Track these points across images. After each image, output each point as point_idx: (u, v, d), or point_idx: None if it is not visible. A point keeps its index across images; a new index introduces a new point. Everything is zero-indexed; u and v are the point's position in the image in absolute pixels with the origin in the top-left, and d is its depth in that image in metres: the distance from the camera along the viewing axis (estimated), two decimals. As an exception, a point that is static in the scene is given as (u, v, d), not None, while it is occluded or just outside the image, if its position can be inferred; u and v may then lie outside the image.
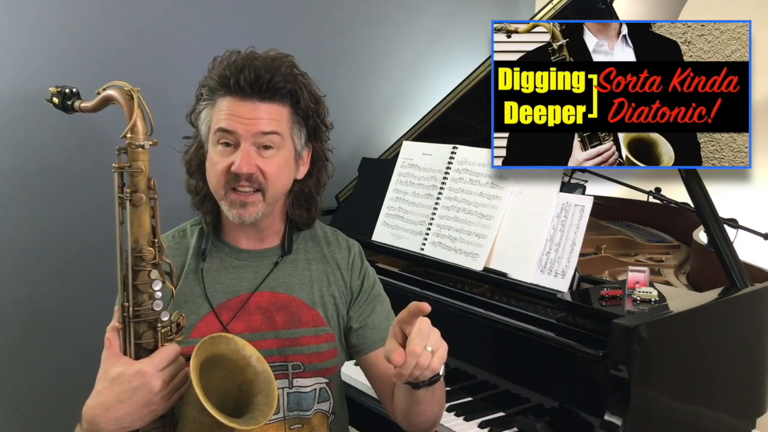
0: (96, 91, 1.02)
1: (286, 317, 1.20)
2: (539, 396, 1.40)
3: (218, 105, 1.14)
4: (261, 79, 1.11)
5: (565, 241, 1.45)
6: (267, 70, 1.12)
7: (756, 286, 1.50)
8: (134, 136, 0.99)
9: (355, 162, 2.18)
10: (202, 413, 0.92)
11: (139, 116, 0.99)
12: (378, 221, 1.85)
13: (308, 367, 1.20)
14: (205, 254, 1.21)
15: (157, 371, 0.97)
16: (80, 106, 1.05)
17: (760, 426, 1.57)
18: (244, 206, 1.13)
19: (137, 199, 0.99)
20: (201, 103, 1.17)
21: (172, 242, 1.23)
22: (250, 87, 1.11)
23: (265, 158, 1.13)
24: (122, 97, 1.00)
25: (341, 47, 2.46)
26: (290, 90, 1.15)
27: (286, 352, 1.19)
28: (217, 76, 1.14)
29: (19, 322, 1.86)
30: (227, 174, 1.12)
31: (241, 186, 1.12)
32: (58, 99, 1.06)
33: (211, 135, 1.14)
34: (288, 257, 1.24)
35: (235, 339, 1.04)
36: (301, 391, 1.20)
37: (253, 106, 1.12)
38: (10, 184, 1.81)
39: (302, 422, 1.21)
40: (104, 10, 1.91)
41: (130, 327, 1.00)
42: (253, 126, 1.11)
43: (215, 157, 1.13)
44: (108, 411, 0.95)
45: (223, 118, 1.12)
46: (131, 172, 1.00)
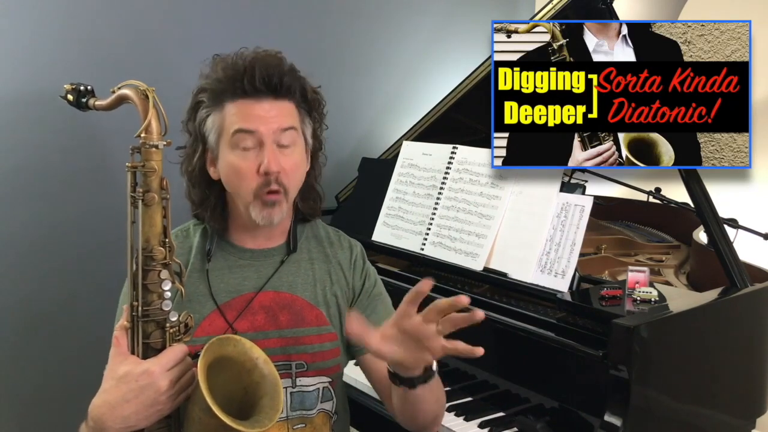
0: (111, 90, 1.03)
1: (290, 316, 1.20)
2: (539, 396, 1.40)
3: (228, 109, 1.13)
4: (273, 79, 1.12)
5: (565, 241, 1.45)
6: (275, 68, 1.14)
7: (756, 286, 1.50)
8: (148, 136, 0.99)
9: (355, 162, 2.18)
10: (207, 415, 0.92)
11: (154, 116, 1.00)
12: (378, 221, 1.85)
13: (311, 366, 1.20)
14: (210, 255, 1.21)
15: (165, 371, 0.97)
16: (95, 104, 1.05)
17: (760, 426, 1.57)
18: (273, 205, 1.14)
19: (150, 198, 0.99)
20: (202, 110, 1.16)
21: (176, 241, 1.23)
22: (266, 86, 1.12)
23: (285, 156, 1.14)
24: (137, 96, 1.00)
25: (341, 47, 2.46)
26: (299, 86, 1.17)
27: (290, 351, 1.19)
28: (223, 79, 1.13)
29: (19, 322, 1.86)
30: (257, 177, 1.12)
31: (270, 188, 1.13)
32: (73, 96, 1.05)
33: (227, 139, 1.13)
34: (292, 257, 1.24)
35: (242, 341, 1.04)
36: (305, 390, 1.20)
37: (269, 105, 1.13)
38: (10, 184, 1.81)
39: (305, 422, 1.21)
40: (104, 11, 1.91)
41: (138, 326, 1.00)
42: (274, 123, 1.12)
43: (237, 161, 1.13)
44: (114, 410, 0.95)
45: (240, 119, 1.12)
46: (144, 172, 1.00)
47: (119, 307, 1.19)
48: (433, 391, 1.12)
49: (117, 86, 1.02)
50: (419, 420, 1.17)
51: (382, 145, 2.26)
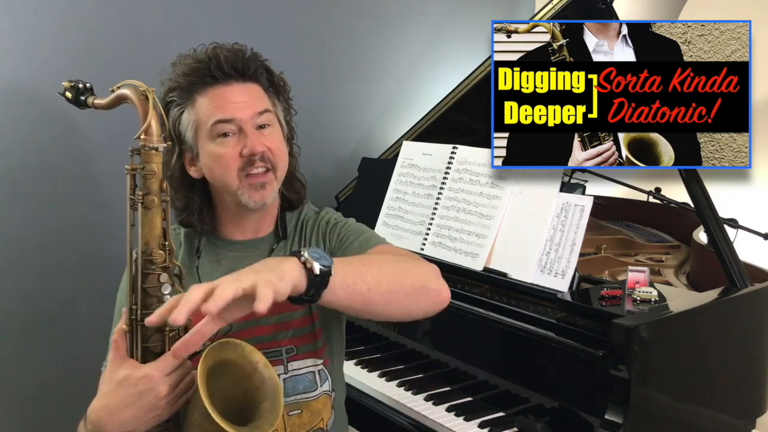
0: (110, 89, 1.01)
1: (278, 302, 1.19)
2: (539, 396, 1.40)
3: (200, 102, 1.13)
4: (238, 61, 1.13)
5: (565, 241, 1.45)
6: (238, 52, 1.14)
7: (756, 286, 1.50)
8: (148, 138, 0.97)
9: (355, 162, 2.18)
10: (207, 420, 0.92)
11: (154, 117, 0.98)
12: (378, 221, 1.85)
13: (301, 349, 1.20)
14: (200, 252, 1.21)
15: (164, 376, 0.96)
16: (94, 103, 1.04)
17: (760, 426, 1.57)
18: (264, 187, 1.14)
19: (149, 201, 0.98)
20: (174, 110, 1.15)
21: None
22: (233, 69, 1.12)
23: (266, 136, 1.14)
24: (137, 97, 0.98)
25: (341, 47, 2.46)
26: (264, 67, 1.17)
27: (279, 337, 1.19)
28: (189, 71, 1.13)
29: (18, 322, 1.86)
30: (239, 160, 1.12)
31: (255, 168, 1.12)
32: (71, 93, 1.04)
33: (205, 132, 1.13)
34: (281, 244, 1.23)
35: (242, 345, 1.04)
36: (297, 374, 1.20)
37: (240, 88, 1.13)
38: (9, 184, 1.81)
39: (301, 407, 1.20)
40: (104, 11, 1.91)
41: (137, 330, 0.99)
42: (249, 108, 1.12)
43: (219, 150, 1.12)
44: (113, 414, 0.95)
45: (217, 110, 1.12)
46: (144, 174, 0.98)
47: (117, 307, 1.19)
48: (355, 285, 0.93)
49: (116, 85, 1.00)
50: (390, 311, 0.99)
51: (382, 145, 2.26)
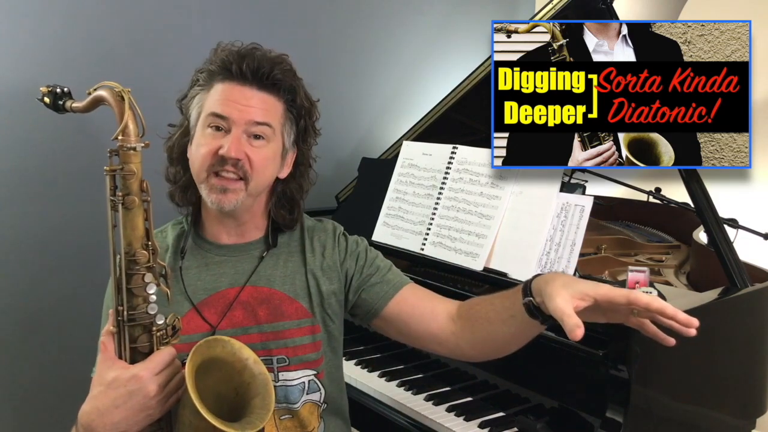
0: (87, 91, 1.00)
1: (269, 311, 1.19)
2: (539, 396, 1.40)
3: (214, 90, 1.14)
4: (263, 68, 1.12)
5: (565, 241, 1.45)
6: (269, 61, 1.14)
7: (756, 286, 1.50)
8: (126, 138, 0.97)
9: (355, 162, 2.18)
10: (197, 417, 0.92)
11: (131, 118, 0.97)
12: (378, 221, 1.85)
13: (293, 360, 1.19)
14: (184, 252, 1.21)
15: (153, 375, 0.96)
16: (71, 106, 1.03)
17: (760, 426, 1.57)
18: (225, 192, 1.12)
19: (130, 201, 0.98)
20: (195, 88, 1.17)
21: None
22: (252, 74, 1.12)
23: (254, 147, 1.13)
24: (113, 98, 0.97)
25: (341, 47, 2.46)
26: (289, 85, 1.16)
27: (270, 346, 1.18)
28: (219, 61, 1.14)
29: (16, 321, 1.86)
30: (213, 157, 1.11)
31: (225, 171, 1.11)
32: (50, 99, 1.03)
33: (202, 119, 1.14)
34: (270, 251, 1.23)
35: (231, 342, 1.04)
36: (288, 384, 1.19)
37: (251, 93, 1.13)
38: (8, 183, 1.81)
39: (291, 413, 1.20)
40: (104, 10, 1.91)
41: (124, 331, 0.99)
42: (247, 113, 1.12)
43: (202, 140, 1.12)
44: (103, 416, 0.95)
45: (218, 103, 1.12)
46: (123, 175, 0.98)
47: (104, 309, 1.19)
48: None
49: (93, 87, 0.99)
50: (505, 349, 1.18)
51: (382, 145, 2.26)
